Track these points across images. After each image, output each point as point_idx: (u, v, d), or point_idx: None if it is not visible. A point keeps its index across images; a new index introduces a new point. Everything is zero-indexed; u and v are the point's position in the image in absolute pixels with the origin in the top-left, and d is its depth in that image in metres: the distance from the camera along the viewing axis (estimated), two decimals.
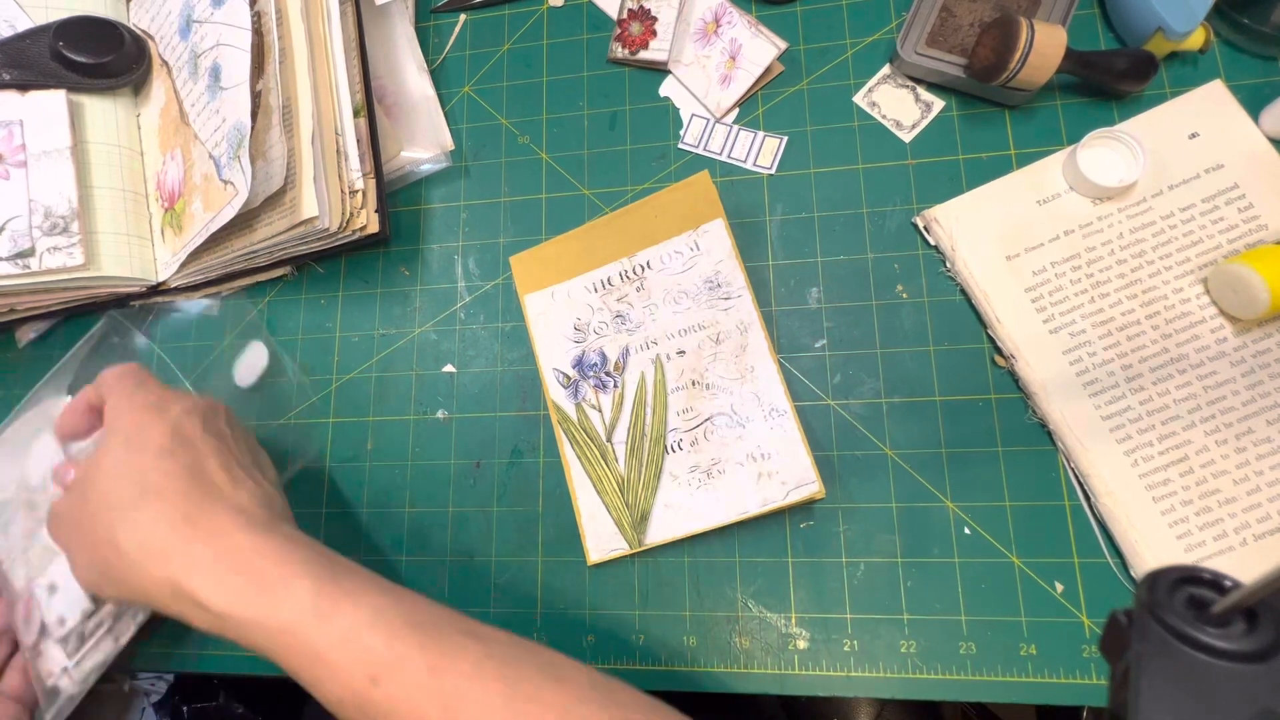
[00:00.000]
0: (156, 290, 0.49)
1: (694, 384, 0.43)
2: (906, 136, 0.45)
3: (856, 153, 0.45)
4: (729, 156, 0.47)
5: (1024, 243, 0.42)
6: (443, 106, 0.51)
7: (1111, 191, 0.41)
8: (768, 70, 0.46)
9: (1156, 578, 0.20)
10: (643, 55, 0.49)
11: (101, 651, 0.40)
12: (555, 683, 0.28)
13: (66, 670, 0.39)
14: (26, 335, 0.52)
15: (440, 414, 0.46)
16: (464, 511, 0.45)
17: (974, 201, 0.43)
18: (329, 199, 0.43)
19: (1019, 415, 0.40)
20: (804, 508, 0.41)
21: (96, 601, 0.40)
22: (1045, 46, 0.39)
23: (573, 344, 0.45)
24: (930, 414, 0.41)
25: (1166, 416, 0.38)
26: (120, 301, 0.50)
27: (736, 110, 0.47)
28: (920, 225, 0.43)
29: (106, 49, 0.47)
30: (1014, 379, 0.41)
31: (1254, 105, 0.41)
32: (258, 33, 0.44)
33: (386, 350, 0.48)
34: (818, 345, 0.43)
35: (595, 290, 0.45)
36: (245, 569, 0.30)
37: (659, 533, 0.41)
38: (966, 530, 0.39)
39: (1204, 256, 0.40)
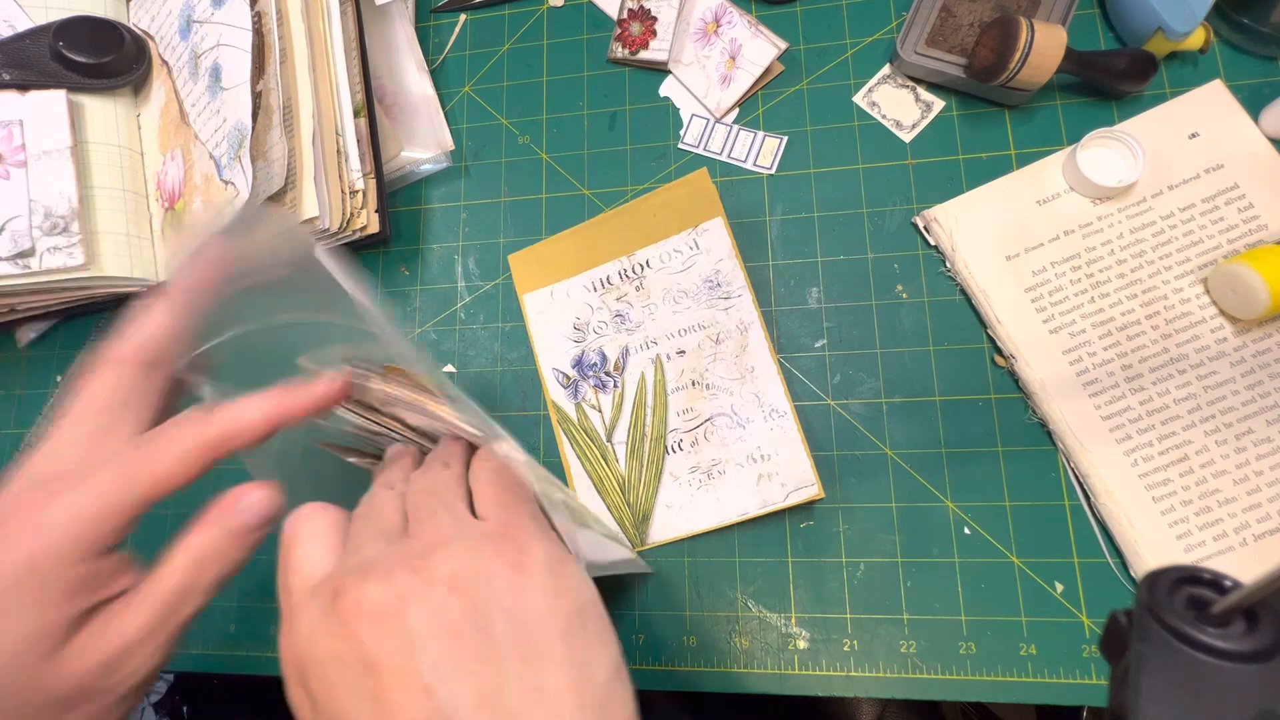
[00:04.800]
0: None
1: (694, 384, 0.43)
2: (906, 136, 0.45)
3: (856, 153, 0.45)
4: (729, 156, 0.47)
5: (1024, 243, 0.42)
6: (443, 106, 0.51)
7: (1111, 191, 0.41)
8: (768, 70, 0.46)
9: (1156, 578, 0.20)
10: (643, 55, 0.49)
11: None
12: None
13: None
14: (26, 335, 0.52)
15: None
16: None
17: (974, 201, 0.43)
18: (329, 199, 0.43)
19: (1019, 415, 0.40)
20: (804, 507, 0.41)
21: None
22: (1045, 46, 0.39)
23: (572, 344, 0.45)
24: (930, 414, 0.41)
25: (1166, 416, 0.38)
26: (121, 301, 0.50)
27: (736, 110, 0.47)
28: (920, 225, 0.43)
29: (106, 49, 0.47)
30: (1014, 379, 0.41)
31: (1254, 105, 0.41)
32: (258, 33, 0.44)
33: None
34: (818, 345, 0.43)
35: (594, 289, 0.45)
36: None
37: (660, 533, 0.41)
38: (966, 530, 0.39)
39: (1204, 256, 0.40)
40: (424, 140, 0.50)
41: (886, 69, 0.46)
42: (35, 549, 0.23)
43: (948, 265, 0.42)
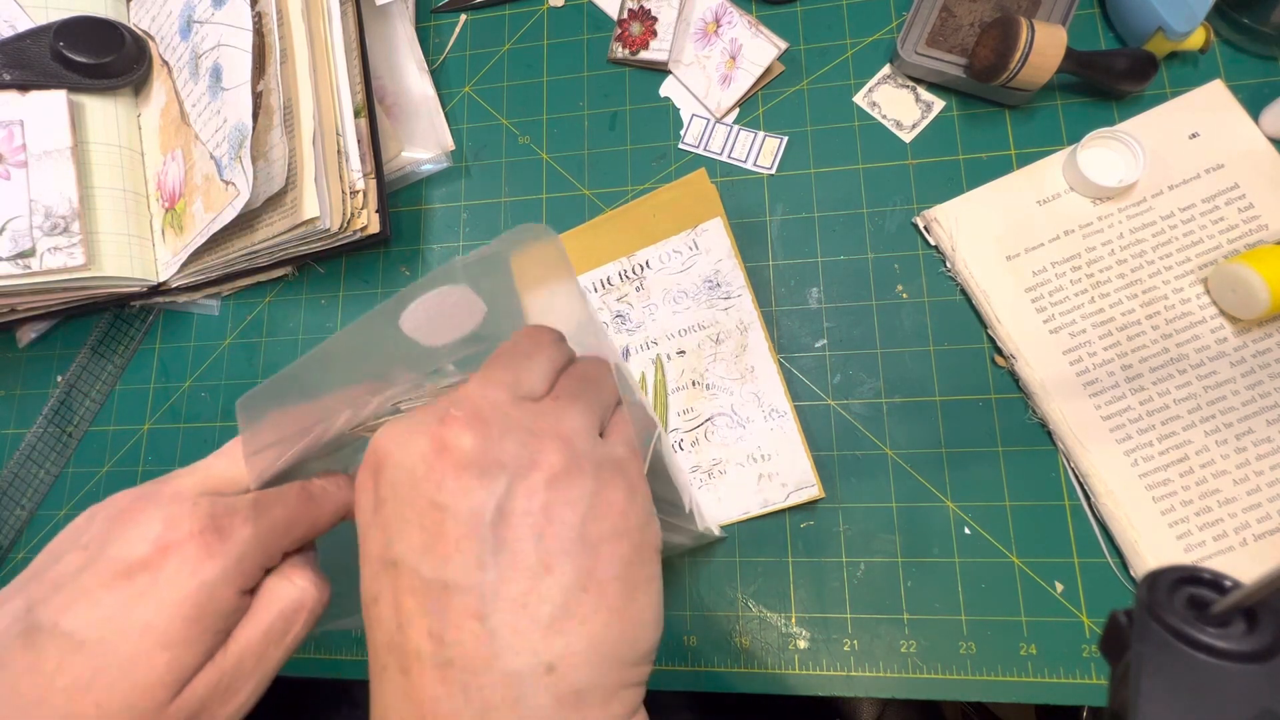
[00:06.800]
0: (157, 290, 0.49)
1: (694, 384, 0.43)
2: (906, 136, 0.45)
3: (857, 153, 0.45)
4: (729, 156, 0.47)
5: (1024, 243, 0.42)
6: (443, 106, 0.51)
7: (1111, 191, 0.41)
8: (768, 70, 0.46)
9: (1156, 578, 0.20)
10: (643, 55, 0.49)
11: None
12: None
13: None
14: (27, 335, 0.52)
15: None
16: None
17: (974, 201, 0.43)
18: (330, 199, 0.43)
19: (1019, 415, 0.40)
20: (804, 507, 0.41)
21: None
22: (1045, 46, 0.39)
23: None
24: (930, 414, 0.41)
25: (1166, 416, 0.38)
26: (121, 301, 0.50)
27: (737, 110, 0.47)
28: (920, 225, 0.43)
29: (107, 49, 0.47)
30: (1014, 379, 0.41)
31: (1254, 105, 0.41)
32: (259, 33, 0.44)
33: None
34: (818, 345, 0.43)
35: (595, 290, 0.45)
36: None
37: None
38: (966, 530, 0.39)
39: (1204, 256, 0.40)
40: (424, 140, 0.50)
41: (887, 69, 0.46)
42: (200, 584, 0.23)
43: (948, 265, 0.42)
